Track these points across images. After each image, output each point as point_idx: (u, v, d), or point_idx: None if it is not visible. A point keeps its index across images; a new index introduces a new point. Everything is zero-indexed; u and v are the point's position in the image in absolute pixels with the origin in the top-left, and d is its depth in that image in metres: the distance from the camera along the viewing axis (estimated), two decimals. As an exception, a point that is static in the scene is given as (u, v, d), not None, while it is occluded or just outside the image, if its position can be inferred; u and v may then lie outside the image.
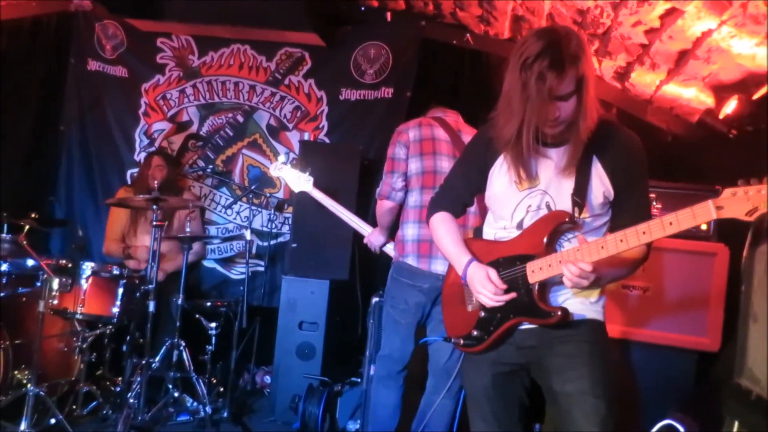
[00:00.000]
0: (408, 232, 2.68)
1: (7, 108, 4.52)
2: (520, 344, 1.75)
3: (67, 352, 3.29)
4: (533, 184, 1.71)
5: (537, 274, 1.66)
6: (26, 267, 3.38)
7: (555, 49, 1.51)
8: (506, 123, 1.61)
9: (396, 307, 2.68)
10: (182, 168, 4.42)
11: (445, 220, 1.92)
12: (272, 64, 4.43)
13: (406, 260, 2.65)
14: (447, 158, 2.72)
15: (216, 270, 4.39)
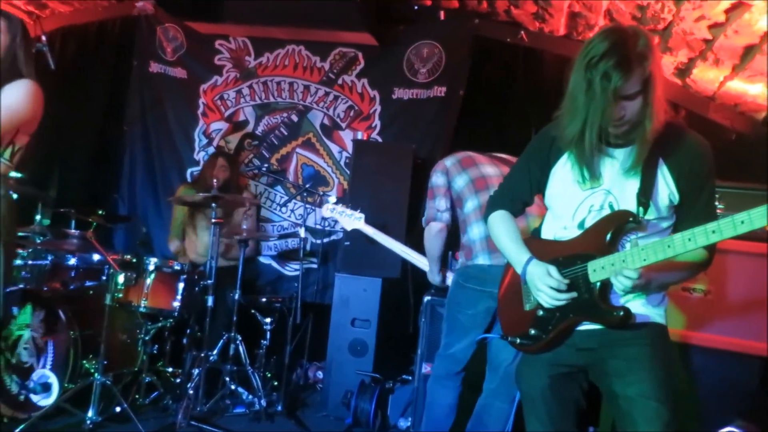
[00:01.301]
0: (474, 232, 2.65)
1: (75, 109, 4.74)
2: (579, 345, 1.73)
3: (130, 344, 3.43)
4: (596, 183, 1.69)
5: (598, 273, 1.63)
6: (93, 261, 3.54)
7: (621, 48, 1.50)
8: (570, 122, 1.59)
9: (463, 312, 2.66)
10: (239, 167, 4.53)
11: (504, 218, 1.91)
12: (326, 64, 4.49)
13: (476, 261, 2.61)
14: (489, 166, 2.74)
15: (271, 266, 4.49)
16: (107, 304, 3.14)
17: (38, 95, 2.30)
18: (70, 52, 4.77)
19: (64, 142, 4.75)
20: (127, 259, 3.32)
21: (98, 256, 3.45)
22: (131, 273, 3.22)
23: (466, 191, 2.70)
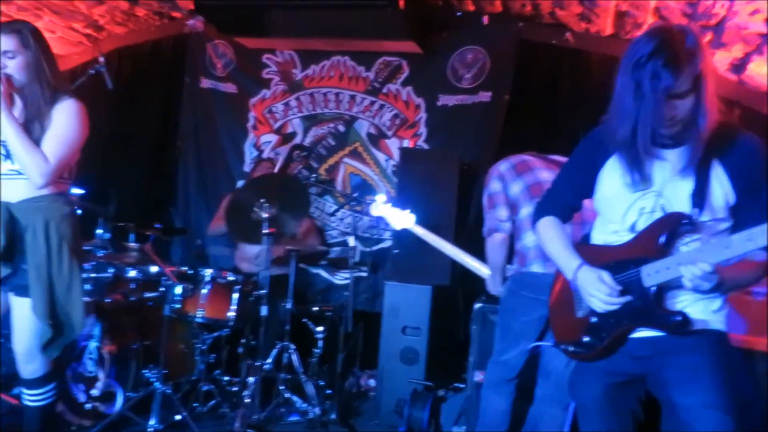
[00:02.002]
0: (528, 239, 2.62)
1: (131, 126, 4.93)
2: (634, 353, 1.69)
3: (188, 353, 3.53)
4: (647, 186, 1.66)
5: (653, 278, 1.60)
6: (151, 273, 3.65)
7: (669, 46, 1.47)
8: (620, 124, 1.57)
9: (517, 319, 2.64)
10: (288, 178, 4.62)
11: (552, 225, 1.89)
12: (371, 74, 4.54)
13: (530, 269, 2.59)
14: (545, 170, 2.70)
15: (320, 275, 4.55)
16: (166, 315, 3.25)
17: (83, 112, 2.30)
18: (125, 71, 4.96)
19: (122, 158, 4.95)
20: (183, 270, 3.43)
21: (156, 268, 3.57)
22: (188, 284, 3.32)
23: (521, 198, 2.67)
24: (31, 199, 2.25)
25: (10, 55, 2.17)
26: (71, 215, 2.34)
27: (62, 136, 2.22)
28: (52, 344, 2.27)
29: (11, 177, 2.25)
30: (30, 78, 2.20)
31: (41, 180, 2.19)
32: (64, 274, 2.25)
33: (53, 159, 2.19)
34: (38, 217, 2.23)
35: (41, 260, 2.21)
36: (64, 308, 2.27)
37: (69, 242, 2.28)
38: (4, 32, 2.17)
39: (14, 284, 2.26)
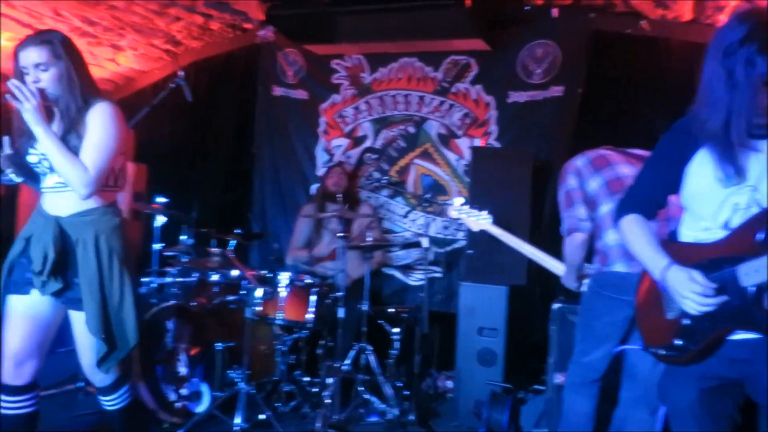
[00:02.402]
0: (609, 237, 2.54)
1: (209, 136, 5.13)
2: (731, 356, 1.61)
3: (269, 354, 3.63)
4: (741, 180, 1.57)
5: (752, 277, 1.51)
6: (232, 277, 3.78)
7: (763, 30, 1.39)
8: (710, 115, 1.49)
9: (600, 320, 2.57)
10: (359, 180, 4.67)
11: (637, 222, 1.82)
12: (439, 74, 4.52)
13: (613, 268, 2.51)
14: (625, 165, 2.60)
15: (395, 277, 4.58)
16: (247, 317, 3.36)
17: (118, 115, 2.23)
18: (202, 83, 5.14)
19: (201, 166, 5.16)
20: (263, 274, 3.53)
21: (237, 272, 3.69)
22: (267, 287, 3.42)
23: (600, 194, 2.59)
24: (81, 212, 2.23)
25: (43, 67, 2.13)
26: (121, 227, 2.32)
27: (99, 143, 2.17)
28: (107, 359, 2.26)
29: (58, 190, 2.23)
30: (63, 89, 2.15)
31: (85, 190, 2.15)
32: (116, 288, 2.24)
33: (93, 168, 2.15)
34: (88, 231, 2.21)
35: (92, 275, 2.19)
36: (117, 322, 2.26)
37: (119, 254, 2.26)
38: (34, 44, 2.13)
39: (69, 298, 2.25)
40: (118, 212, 2.33)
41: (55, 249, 2.18)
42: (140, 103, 5.25)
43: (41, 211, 2.27)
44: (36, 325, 2.26)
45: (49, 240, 2.17)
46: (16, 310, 2.26)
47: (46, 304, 2.26)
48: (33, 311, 2.25)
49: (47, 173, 2.24)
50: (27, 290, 2.24)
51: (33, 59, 2.12)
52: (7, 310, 2.27)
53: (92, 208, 2.23)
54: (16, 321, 2.25)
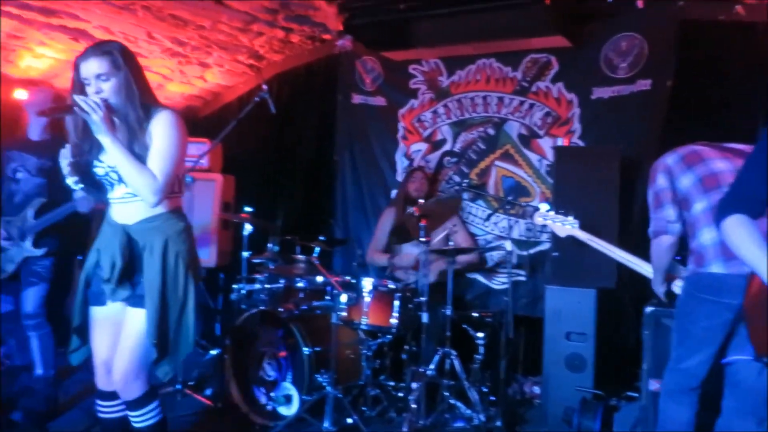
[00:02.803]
0: (705, 237, 2.41)
1: (291, 145, 5.28)
2: None
3: (354, 359, 3.68)
4: None
5: None
6: (317, 283, 3.86)
7: None
8: None
9: (697, 324, 2.44)
10: (440, 184, 4.66)
11: (742, 223, 1.71)
12: (518, 74, 4.45)
13: (709, 269, 2.37)
14: (720, 160, 2.46)
15: (478, 281, 4.53)
16: (333, 322, 3.43)
17: (179, 122, 2.24)
18: (284, 94, 5.30)
19: (285, 175, 5.32)
20: (347, 280, 3.59)
21: (321, 278, 3.78)
22: (352, 293, 3.47)
23: (693, 191, 2.46)
24: (146, 219, 2.26)
25: (104, 77, 2.15)
26: (186, 231, 2.33)
27: (164, 150, 2.19)
28: (161, 363, 2.25)
29: (127, 201, 2.27)
30: (123, 98, 2.17)
31: (153, 198, 2.18)
32: (180, 292, 2.25)
33: (160, 175, 2.17)
34: (155, 237, 2.24)
35: (157, 279, 2.21)
36: (177, 326, 2.26)
37: (185, 258, 2.27)
38: (95, 55, 2.15)
39: (131, 295, 2.27)
40: (182, 217, 2.35)
41: (122, 256, 2.23)
42: (227, 116, 5.51)
43: (109, 221, 2.33)
44: (119, 331, 2.29)
45: (117, 248, 2.23)
46: (99, 321, 2.34)
47: (122, 310, 2.30)
48: (114, 320, 2.31)
49: (115, 184, 2.27)
50: (105, 300, 2.31)
51: (94, 70, 2.14)
52: (91, 321, 2.36)
53: (157, 214, 2.26)
54: (100, 331, 2.34)
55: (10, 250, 3.42)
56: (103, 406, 2.39)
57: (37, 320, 3.43)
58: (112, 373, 2.29)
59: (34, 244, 3.38)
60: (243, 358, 3.66)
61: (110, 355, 2.32)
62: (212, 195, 4.81)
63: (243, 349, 3.68)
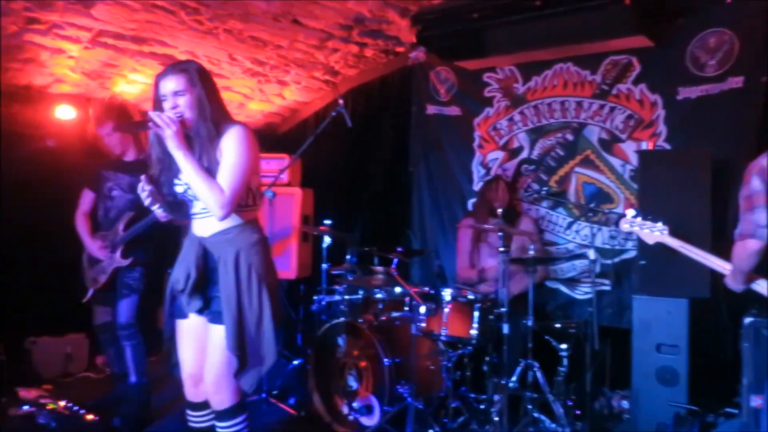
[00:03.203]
0: None
1: (367, 157, 5.36)
2: None
3: (434, 370, 3.67)
4: None
5: None
6: (396, 294, 3.88)
7: None
8: None
9: None
10: (518, 192, 4.59)
11: None
12: (597, 77, 4.32)
13: None
14: None
15: (560, 290, 4.41)
16: (413, 333, 3.43)
17: (249, 136, 2.29)
18: (359, 108, 5.38)
19: (362, 187, 5.39)
20: (425, 290, 3.59)
21: (400, 289, 3.79)
22: (431, 304, 3.46)
23: None
24: (221, 231, 2.30)
25: (180, 94, 2.24)
26: (260, 243, 2.34)
27: (233, 165, 2.23)
28: (243, 374, 2.26)
29: (205, 215, 2.32)
30: (197, 114, 2.25)
31: (221, 211, 2.20)
32: (255, 305, 2.26)
33: (228, 189, 2.20)
34: (228, 249, 2.27)
35: (231, 290, 2.23)
36: (255, 339, 2.26)
37: (258, 270, 2.28)
38: (173, 73, 2.26)
39: (210, 312, 2.31)
40: (257, 230, 2.37)
41: (196, 268, 2.29)
42: (304, 132, 5.67)
43: (189, 235, 2.41)
44: (201, 346, 2.36)
45: (192, 260, 2.31)
46: (183, 334, 2.43)
47: (204, 324, 2.35)
48: (196, 333, 2.39)
49: (194, 200, 2.34)
50: (186, 313, 2.39)
51: (171, 87, 2.24)
52: (177, 334, 2.45)
53: (231, 226, 2.30)
54: (184, 344, 2.43)
55: (103, 261, 3.64)
56: (192, 415, 2.47)
57: (129, 330, 3.63)
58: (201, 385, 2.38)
59: (122, 255, 3.59)
60: (325, 369, 3.72)
61: (196, 368, 2.39)
62: (292, 208, 4.94)
63: (324, 359, 3.74)
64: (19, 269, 4.38)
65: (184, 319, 2.41)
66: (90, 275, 3.73)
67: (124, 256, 3.60)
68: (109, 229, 3.69)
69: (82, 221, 3.78)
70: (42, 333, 4.55)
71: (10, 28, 3.74)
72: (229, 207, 2.21)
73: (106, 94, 4.74)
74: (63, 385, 4.28)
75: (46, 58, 4.12)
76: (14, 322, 4.39)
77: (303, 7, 4.12)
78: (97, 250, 3.65)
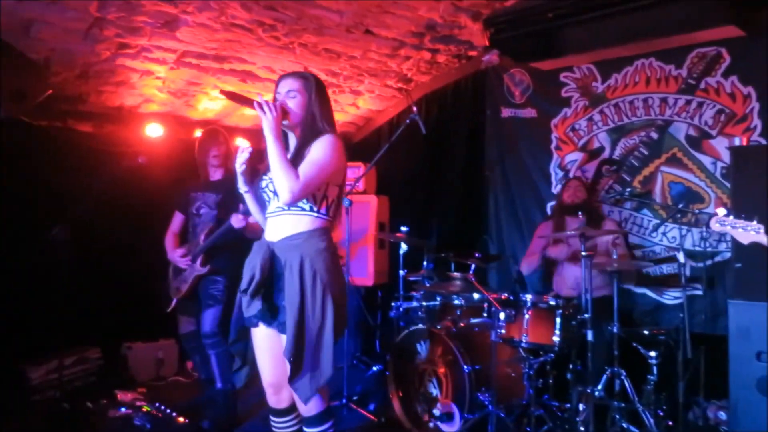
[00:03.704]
0: None
1: (442, 162, 5.33)
2: None
3: (515, 378, 3.59)
4: None
5: None
6: (474, 300, 3.84)
7: None
8: None
9: None
10: (599, 194, 4.43)
11: None
12: (683, 71, 4.12)
13: None
14: None
15: (647, 295, 4.21)
16: (493, 340, 3.37)
17: (339, 147, 2.36)
18: (432, 114, 5.39)
19: (436, 193, 5.37)
20: (504, 296, 3.52)
21: (477, 295, 3.74)
22: (510, 310, 3.39)
23: None
24: (289, 236, 2.32)
25: (293, 94, 2.37)
26: (327, 251, 2.33)
27: (314, 159, 2.29)
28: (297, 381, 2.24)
29: (276, 215, 2.37)
30: (300, 116, 2.37)
31: (288, 195, 2.24)
32: (317, 313, 2.24)
33: (303, 177, 2.25)
34: (294, 254, 2.27)
35: (295, 296, 2.23)
36: (315, 348, 2.24)
37: (323, 278, 2.26)
38: (293, 76, 2.43)
39: (279, 321, 2.32)
40: (326, 238, 2.36)
41: (261, 270, 2.31)
42: (379, 140, 5.72)
43: (261, 239, 2.45)
44: (277, 355, 2.36)
45: (258, 262, 2.33)
46: (256, 343, 2.47)
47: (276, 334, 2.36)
48: (269, 342, 2.41)
49: (272, 198, 2.39)
50: (257, 322, 2.41)
51: (287, 86, 2.40)
52: (253, 344, 2.49)
53: (300, 232, 2.32)
54: (260, 352, 2.46)
55: (185, 271, 3.82)
56: (276, 422, 2.52)
57: (214, 339, 3.76)
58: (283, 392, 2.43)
59: (201, 264, 3.74)
60: (404, 375, 3.72)
61: (274, 376, 2.43)
62: (368, 216, 4.99)
63: (403, 365, 3.74)
64: (114, 279, 4.65)
65: (254, 327, 2.45)
66: (173, 285, 3.91)
67: (203, 264, 3.75)
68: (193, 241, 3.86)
69: (171, 240, 3.97)
70: (136, 339, 4.82)
71: (104, 54, 3.99)
72: (297, 193, 2.24)
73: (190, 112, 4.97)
74: (155, 389, 4.50)
75: (136, 80, 4.37)
76: (112, 328, 4.68)
77: (375, 17, 4.17)
78: (179, 258, 3.82)
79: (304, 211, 2.35)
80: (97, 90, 4.38)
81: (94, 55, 3.97)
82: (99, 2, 3.50)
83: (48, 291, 3.75)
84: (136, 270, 4.63)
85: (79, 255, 3.73)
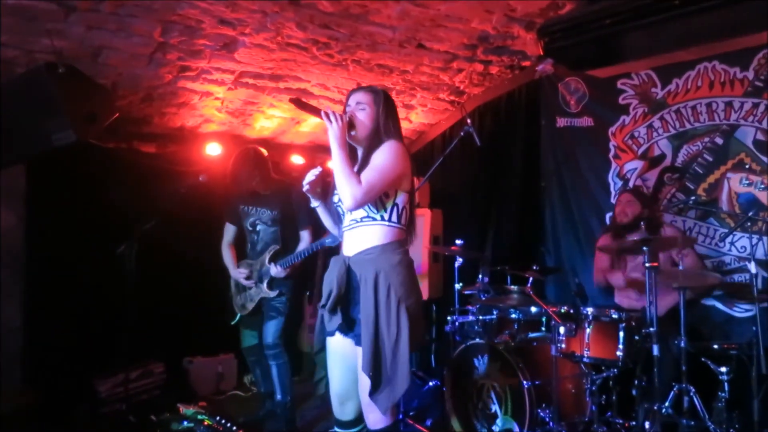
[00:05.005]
0: None
1: (496, 174, 5.27)
2: None
3: (577, 394, 3.49)
4: None
5: None
6: (532, 314, 3.77)
7: None
8: None
9: None
10: (661, 203, 4.29)
11: None
12: (749, 73, 3.95)
13: None
14: None
15: (715, 308, 4.03)
16: (553, 354, 3.29)
17: (403, 152, 2.39)
18: (486, 126, 5.34)
19: (492, 206, 5.30)
20: (564, 310, 3.44)
21: (535, 309, 3.67)
22: (570, 324, 3.31)
23: None
24: (364, 251, 2.34)
25: (362, 106, 2.43)
26: (401, 264, 2.33)
27: (376, 164, 2.32)
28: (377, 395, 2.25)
29: (351, 228, 2.40)
30: (369, 129, 2.42)
31: (351, 201, 2.26)
32: (392, 327, 2.25)
33: (366, 183, 2.26)
34: (369, 268, 2.29)
35: (370, 311, 2.25)
36: (391, 361, 2.25)
37: (397, 291, 2.27)
38: (364, 90, 2.49)
39: (356, 334, 2.35)
40: (401, 251, 2.37)
41: (338, 285, 2.34)
42: (432, 153, 5.72)
43: (339, 254, 2.49)
44: (348, 366, 2.42)
45: (335, 277, 2.36)
46: (330, 353, 2.50)
47: (351, 344, 2.39)
48: (342, 352, 2.45)
49: (345, 212, 2.44)
50: (333, 332, 2.45)
51: (357, 99, 2.46)
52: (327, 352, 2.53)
53: (374, 246, 2.34)
54: (333, 362, 2.50)
55: (251, 290, 3.90)
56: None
57: (275, 350, 3.83)
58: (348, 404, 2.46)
59: (269, 287, 3.82)
60: (461, 390, 3.68)
61: (342, 387, 2.46)
62: (422, 230, 4.97)
63: (460, 380, 3.70)
64: (177, 295, 4.79)
65: (331, 336, 2.48)
66: (238, 301, 4.00)
67: (270, 287, 3.82)
68: (255, 259, 3.94)
69: (227, 251, 4.08)
70: (197, 353, 4.94)
71: (167, 77, 4.16)
72: (360, 198, 2.26)
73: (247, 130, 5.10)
74: (216, 402, 4.60)
75: (196, 101, 4.53)
76: (174, 343, 4.81)
77: (428, 31, 4.19)
78: (243, 279, 3.92)
79: (375, 220, 2.37)
80: (160, 112, 4.55)
81: (157, 78, 4.14)
82: (162, 27, 3.65)
83: (115, 306, 3.90)
84: (198, 285, 4.77)
85: (144, 271, 3.86)
